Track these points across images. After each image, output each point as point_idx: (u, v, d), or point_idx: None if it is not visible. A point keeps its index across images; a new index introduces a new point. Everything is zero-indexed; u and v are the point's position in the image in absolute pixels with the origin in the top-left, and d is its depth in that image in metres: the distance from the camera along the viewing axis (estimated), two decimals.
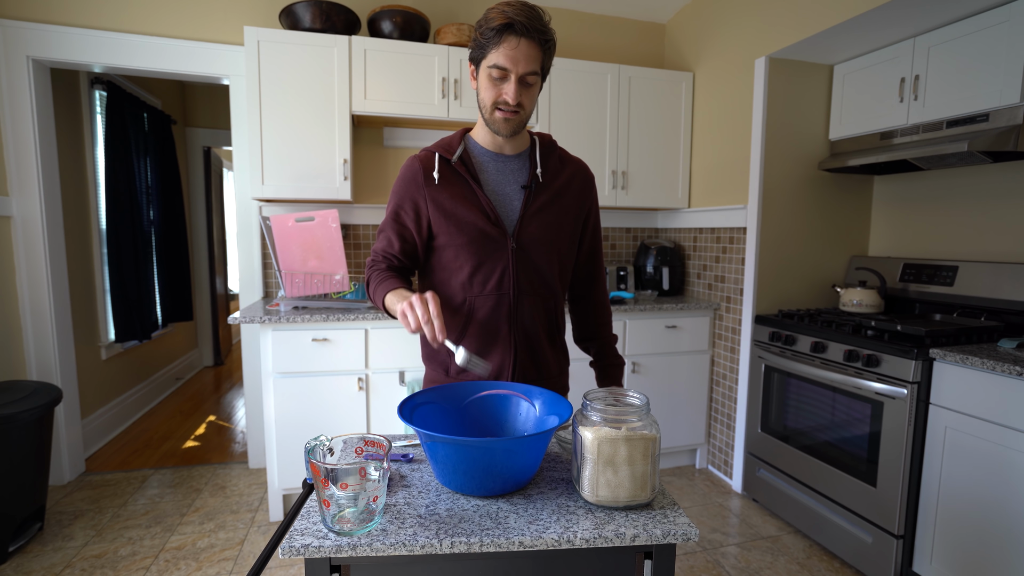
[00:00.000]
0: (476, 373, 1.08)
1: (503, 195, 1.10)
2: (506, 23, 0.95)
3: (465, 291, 1.09)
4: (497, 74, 0.99)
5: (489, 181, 1.10)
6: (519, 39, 0.96)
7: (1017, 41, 1.74)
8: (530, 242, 1.08)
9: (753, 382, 2.40)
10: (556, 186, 1.12)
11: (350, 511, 0.73)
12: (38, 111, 2.38)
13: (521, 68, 0.98)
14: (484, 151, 1.11)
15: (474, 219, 1.06)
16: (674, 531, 0.75)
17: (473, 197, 1.08)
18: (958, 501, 1.64)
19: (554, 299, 1.15)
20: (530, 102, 1.03)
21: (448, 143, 1.11)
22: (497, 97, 1.01)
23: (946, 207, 2.22)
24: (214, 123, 4.51)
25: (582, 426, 0.81)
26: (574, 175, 1.15)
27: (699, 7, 2.83)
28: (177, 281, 3.95)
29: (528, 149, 1.14)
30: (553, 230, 1.10)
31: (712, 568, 1.97)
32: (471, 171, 1.09)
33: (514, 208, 1.09)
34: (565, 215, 1.12)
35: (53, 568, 1.90)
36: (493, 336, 1.10)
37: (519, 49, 0.97)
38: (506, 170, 1.11)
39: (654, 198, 2.89)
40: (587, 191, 1.17)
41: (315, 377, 2.20)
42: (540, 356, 1.14)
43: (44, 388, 2.08)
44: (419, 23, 2.50)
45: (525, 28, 0.96)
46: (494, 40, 0.97)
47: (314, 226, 2.22)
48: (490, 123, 1.05)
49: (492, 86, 1.01)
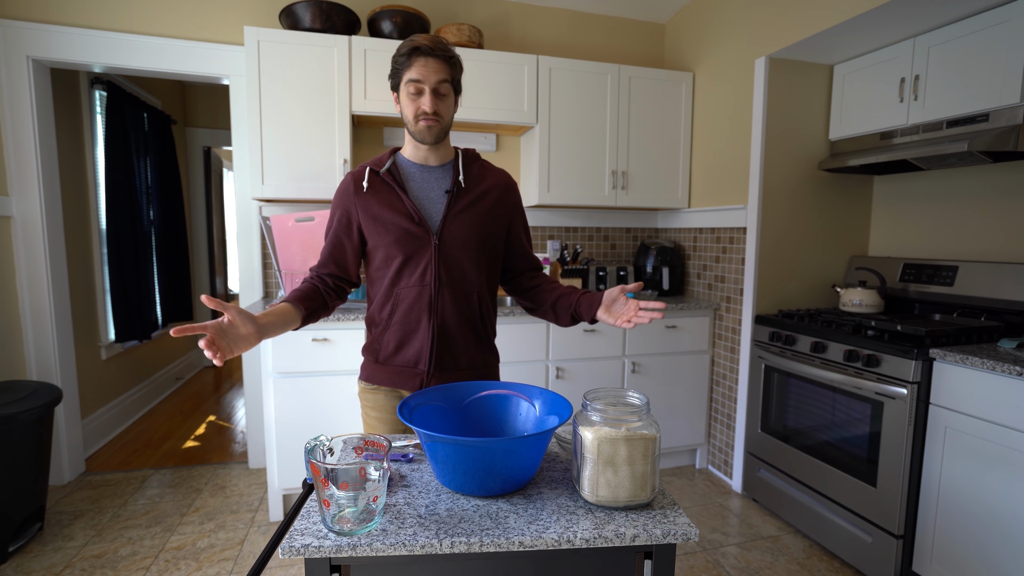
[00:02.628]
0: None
1: (427, 199, 1.23)
2: (414, 47, 1.14)
3: (393, 284, 1.23)
4: (414, 88, 1.15)
5: (414, 188, 1.24)
6: (427, 58, 1.14)
7: (1017, 41, 1.74)
8: (451, 239, 1.21)
9: (753, 382, 2.40)
10: (477, 191, 1.26)
11: (350, 511, 0.73)
12: (38, 111, 2.38)
13: (432, 80, 1.15)
14: (410, 163, 1.26)
15: (398, 220, 1.20)
16: (674, 531, 0.75)
17: (398, 202, 1.21)
18: (958, 501, 1.64)
19: (476, 293, 1.26)
20: (447, 111, 1.19)
21: (379, 159, 1.26)
22: (417, 110, 1.16)
23: (946, 207, 2.22)
24: (214, 123, 4.51)
25: (582, 426, 0.81)
26: (496, 182, 1.29)
27: (699, 7, 2.83)
28: (177, 281, 3.95)
29: (452, 160, 1.28)
30: (474, 229, 1.23)
31: (712, 568, 1.97)
32: (397, 180, 1.23)
33: (438, 210, 1.23)
34: (487, 215, 1.25)
35: (53, 568, 1.90)
36: (415, 323, 1.23)
37: (428, 65, 1.14)
38: (431, 178, 1.25)
39: (654, 198, 2.89)
40: (508, 195, 1.30)
41: (315, 377, 2.20)
42: (460, 345, 1.25)
43: (44, 388, 2.08)
44: (419, 23, 2.50)
45: (430, 49, 1.14)
46: (406, 63, 1.15)
47: (314, 226, 2.22)
48: (415, 134, 1.20)
49: (411, 101, 1.17)
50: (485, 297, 1.28)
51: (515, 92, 2.60)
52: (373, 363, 1.29)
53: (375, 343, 1.28)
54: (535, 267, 1.38)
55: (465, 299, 1.24)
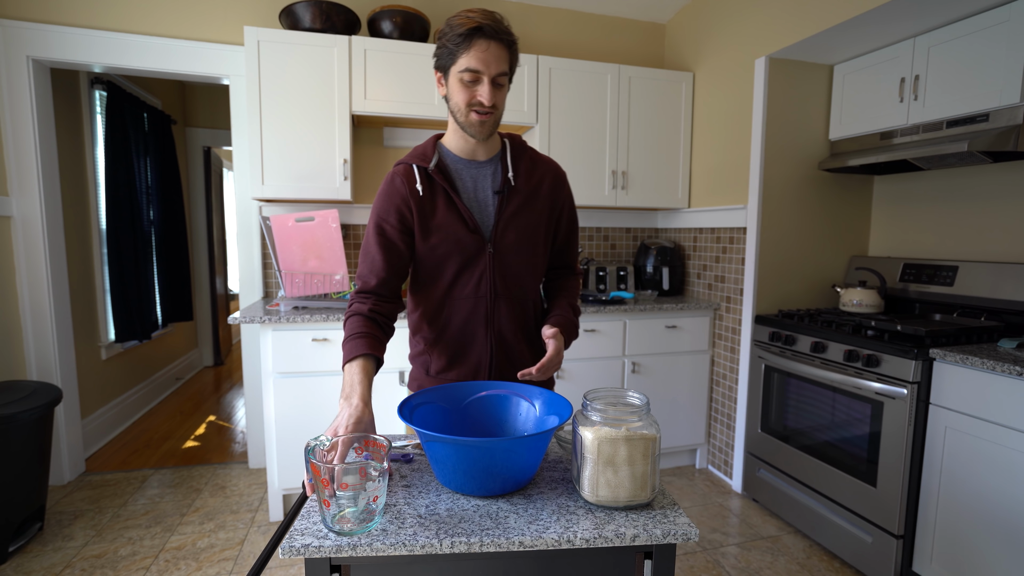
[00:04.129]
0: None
1: (479, 201, 1.12)
2: (475, 27, 0.97)
3: (445, 296, 1.13)
4: (469, 77, 1.00)
5: (466, 188, 1.12)
6: (489, 42, 0.99)
7: (1017, 41, 1.74)
8: (506, 247, 1.11)
9: (753, 382, 2.40)
10: (528, 189, 1.14)
11: (350, 511, 0.73)
12: (38, 111, 2.38)
13: (493, 69, 1.00)
14: (457, 159, 1.12)
15: (454, 226, 1.09)
16: (674, 531, 0.75)
17: (451, 205, 1.09)
18: (958, 501, 1.64)
19: (530, 301, 1.18)
20: (502, 103, 1.06)
21: (422, 152, 1.11)
22: (471, 99, 1.02)
23: (946, 207, 2.22)
24: (214, 123, 4.51)
25: (582, 426, 0.81)
26: (544, 175, 1.17)
27: (699, 7, 2.83)
28: (177, 281, 3.95)
29: (499, 153, 1.15)
30: (527, 233, 1.13)
31: (712, 568, 1.97)
32: (448, 180, 1.10)
33: (489, 214, 1.12)
34: (539, 216, 1.15)
35: (53, 568, 1.90)
36: (471, 338, 1.14)
37: (489, 51, 0.99)
38: (480, 176, 1.13)
39: (654, 198, 2.89)
40: (559, 190, 1.18)
41: (315, 377, 2.20)
42: (517, 356, 1.17)
43: (44, 388, 2.08)
44: (419, 23, 2.50)
45: (493, 31, 0.99)
46: (464, 44, 0.99)
47: (314, 226, 2.22)
48: (465, 126, 1.06)
49: (464, 89, 1.02)
50: (538, 303, 1.21)
51: (515, 92, 2.60)
52: (424, 376, 1.19)
53: (425, 355, 1.18)
54: (565, 265, 1.26)
55: (521, 308, 1.16)
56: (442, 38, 1.02)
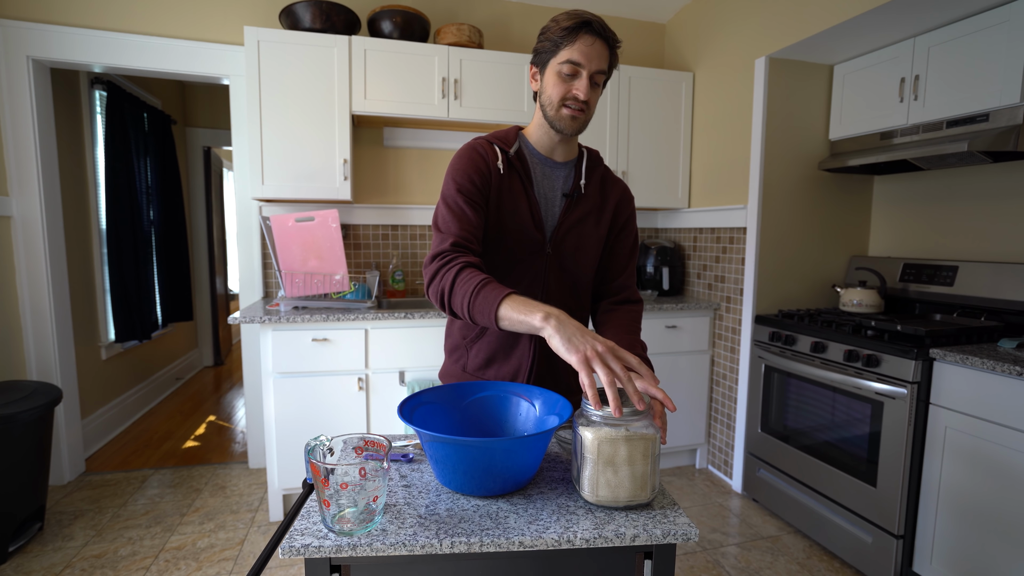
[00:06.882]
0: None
1: (547, 200, 1.10)
2: (584, 21, 0.97)
3: None
4: (569, 70, 0.99)
5: (538, 184, 1.10)
6: (594, 38, 0.98)
7: (1017, 41, 1.74)
8: (564, 250, 1.09)
9: (753, 382, 2.40)
10: (596, 200, 1.12)
11: (350, 511, 0.73)
12: (38, 111, 2.38)
13: (594, 65, 0.99)
14: (536, 153, 1.10)
15: (522, 219, 1.06)
16: (674, 531, 0.75)
17: (524, 196, 1.07)
18: (958, 501, 1.64)
19: (579, 309, 1.14)
20: (595, 102, 1.04)
21: (504, 136, 1.09)
22: (566, 93, 1.00)
23: (946, 207, 2.22)
24: (214, 123, 4.51)
25: (582, 426, 0.81)
26: (613, 192, 1.15)
27: (699, 7, 2.83)
28: (177, 281, 3.95)
29: (575, 160, 1.14)
30: (586, 242, 1.11)
31: (712, 568, 1.97)
32: (525, 169, 1.08)
33: (554, 215, 1.10)
34: (600, 228, 1.13)
35: (53, 568, 1.90)
36: (515, 338, 1.10)
37: (593, 47, 0.98)
38: (552, 175, 1.11)
39: (654, 198, 2.89)
40: (624, 208, 1.16)
41: (315, 377, 2.20)
42: (561, 366, 1.13)
43: (44, 388, 2.08)
44: (419, 23, 2.50)
45: (601, 28, 0.98)
46: (569, 38, 0.97)
47: (314, 226, 2.22)
48: (555, 121, 1.04)
49: (561, 82, 1.00)
50: (586, 313, 1.16)
51: (515, 92, 2.60)
52: (461, 372, 1.15)
53: (462, 350, 1.14)
54: (621, 294, 1.17)
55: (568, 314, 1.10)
56: (545, 32, 1.01)
